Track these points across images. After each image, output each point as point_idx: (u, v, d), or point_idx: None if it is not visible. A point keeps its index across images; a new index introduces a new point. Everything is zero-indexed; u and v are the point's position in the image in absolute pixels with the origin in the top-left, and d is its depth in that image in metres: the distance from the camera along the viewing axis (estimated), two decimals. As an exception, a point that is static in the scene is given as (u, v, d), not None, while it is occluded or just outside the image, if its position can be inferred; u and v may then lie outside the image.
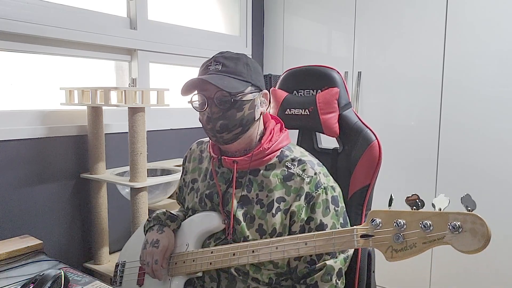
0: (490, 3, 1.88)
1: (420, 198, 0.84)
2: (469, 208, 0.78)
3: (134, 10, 1.97)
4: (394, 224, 0.85)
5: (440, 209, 0.81)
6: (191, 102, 1.06)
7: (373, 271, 1.19)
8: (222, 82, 0.99)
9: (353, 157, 1.18)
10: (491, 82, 1.90)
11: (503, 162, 1.90)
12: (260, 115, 1.08)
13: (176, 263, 1.09)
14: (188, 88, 1.03)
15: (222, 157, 1.08)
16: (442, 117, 2.05)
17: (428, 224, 0.81)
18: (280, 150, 1.08)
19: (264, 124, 1.13)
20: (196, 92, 1.05)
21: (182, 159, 1.28)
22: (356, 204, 1.17)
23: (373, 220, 0.88)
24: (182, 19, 2.27)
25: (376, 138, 1.16)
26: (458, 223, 0.78)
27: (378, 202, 1.19)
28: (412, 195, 0.85)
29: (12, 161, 1.54)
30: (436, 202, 0.82)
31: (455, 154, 2.02)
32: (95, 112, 1.68)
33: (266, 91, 1.10)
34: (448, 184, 2.05)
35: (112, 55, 1.92)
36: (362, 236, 0.89)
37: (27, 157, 1.58)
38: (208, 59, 1.06)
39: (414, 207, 0.84)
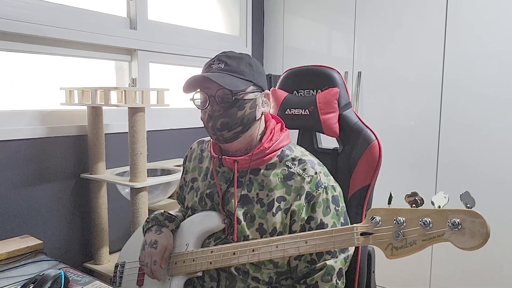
0: (490, 3, 1.88)
1: (419, 195, 0.84)
2: (468, 205, 0.78)
3: (134, 10, 1.97)
4: (394, 221, 0.85)
5: (440, 207, 0.81)
6: (193, 99, 1.06)
7: (373, 271, 1.19)
8: (224, 80, 0.99)
9: (353, 157, 1.18)
10: (491, 82, 1.90)
11: (503, 162, 1.90)
12: (262, 115, 1.09)
13: (175, 263, 1.09)
14: (190, 86, 1.03)
15: (223, 156, 1.08)
16: (442, 117, 2.05)
17: (428, 222, 0.81)
18: (280, 150, 1.08)
19: (265, 123, 1.13)
20: (198, 90, 1.05)
21: (183, 159, 1.28)
22: (356, 204, 1.17)
23: (372, 218, 0.88)
24: (182, 19, 2.27)
25: (376, 138, 1.16)
26: (458, 220, 0.78)
27: (378, 202, 1.19)
28: (412, 192, 0.85)
29: (12, 161, 1.54)
30: (435, 199, 0.82)
31: (455, 154, 2.02)
32: (95, 112, 1.68)
33: (268, 91, 1.10)
34: (448, 184, 2.05)
35: (112, 55, 1.92)
36: (362, 234, 0.89)
37: (27, 157, 1.58)
38: (211, 58, 1.06)
39: (414, 205, 0.84)
